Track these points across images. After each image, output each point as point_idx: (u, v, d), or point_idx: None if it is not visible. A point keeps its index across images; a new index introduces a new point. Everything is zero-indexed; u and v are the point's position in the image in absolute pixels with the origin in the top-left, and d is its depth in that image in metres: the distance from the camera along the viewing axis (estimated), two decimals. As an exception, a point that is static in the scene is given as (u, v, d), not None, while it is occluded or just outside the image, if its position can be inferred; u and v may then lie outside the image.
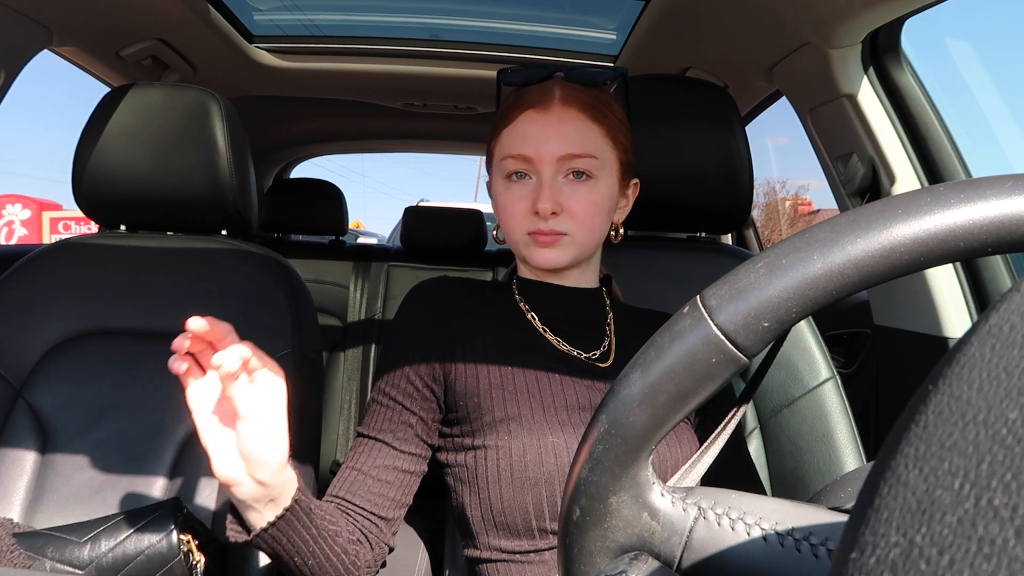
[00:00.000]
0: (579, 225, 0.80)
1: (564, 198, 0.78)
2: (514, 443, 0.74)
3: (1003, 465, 0.15)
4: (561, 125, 0.78)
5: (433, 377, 0.81)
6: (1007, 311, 0.18)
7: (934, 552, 0.15)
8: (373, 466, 0.79)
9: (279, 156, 3.04)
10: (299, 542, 0.68)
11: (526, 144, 0.78)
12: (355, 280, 2.38)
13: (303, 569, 0.71)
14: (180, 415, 1.09)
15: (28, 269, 1.16)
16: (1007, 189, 0.30)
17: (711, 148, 1.11)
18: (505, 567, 0.77)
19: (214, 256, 1.18)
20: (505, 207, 0.81)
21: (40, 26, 1.32)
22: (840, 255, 0.31)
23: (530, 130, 0.79)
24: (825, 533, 0.32)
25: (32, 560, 0.84)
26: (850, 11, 1.15)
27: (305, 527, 0.68)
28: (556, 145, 0.78)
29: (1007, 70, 26.84)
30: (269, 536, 0.67)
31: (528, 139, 0.79)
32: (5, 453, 1.05)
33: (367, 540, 0.77)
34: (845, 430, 1.03)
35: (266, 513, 0.66)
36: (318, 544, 0.70)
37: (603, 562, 0.35)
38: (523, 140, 0.79)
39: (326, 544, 0.71)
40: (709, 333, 0.32)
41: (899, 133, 1.31)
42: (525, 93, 0.81)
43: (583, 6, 1.73)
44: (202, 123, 1.14)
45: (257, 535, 0.66)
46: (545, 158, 0.78)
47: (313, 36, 1.88)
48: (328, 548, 0.71)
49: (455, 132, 2.72)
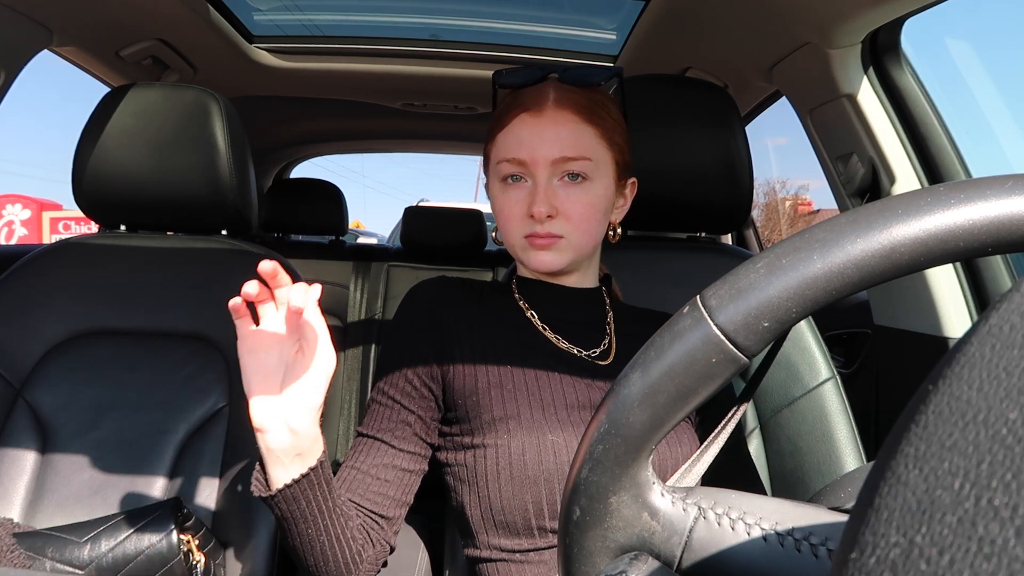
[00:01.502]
0: (575, 227, 0.80)
1: (559, 201, 0.78)
2: (513, 442, 0.74)
3: (1003, 465, 0.15)
4: (555, 127, 0.78)
5: (432, 376, 0.81)
6: (1007, 311, 0.18)
7: (934, 552, 0.15)
8: (373, 465, 0.79)
9: (279, 156, 3.04)
10: (316, 511, 0.69)
11: (520, 147, 0.78)
12: (355, 280, 2.38)
13: (312, 545, 0.71)
14: (180, 415, 1.09)
15: (28, 269, 1.16)
16: (1007, 189, 0.30)
17: (711, 148, 1.11)
18: (505, 567, 0.77)
19: (214, 256, 1.18)
20: (502, 211, 0.82)
21: (40, 26, 1.32)
22: (840, 255, 0.31)
23: (524, 133, 0.79)
24: (825, 533, 0.32)
25: (32, 560, 0.84)
26: (850, 11, 1.15)
27: (324, 497, 0.69)
28: (550, 148, 0.78)
29: (1007, 70, 26.82)
30: (290, 494, 0.68)
31: (522, 142, 0.78)
32: (5, 453, 1.05)
33: (369, 537, 0.77)
34: (845, 430, 1.03)
35: (292, 468, 0.68)
36: (332, 519, 0.71)
37: (603, 562, 0.35)
38: (517, 143, 0.79)
39: (339, 523, 0.71)
40: (709, 333, 0.32)
41: (899, 133, 1.31)
42: (519, 96, 0.81)
43: (583, 6, 1.73)
44: (202, 123, 1.14)
45: (280, 491, 0.68)
46: (539, 161, 0.78)
47: (313, 36, 1.88)
48: (340, 528, 0.72)
49: (455, 132, 2.72)
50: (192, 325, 1.14)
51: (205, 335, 1.13)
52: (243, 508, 1.00)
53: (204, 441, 1.07)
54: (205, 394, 1.10)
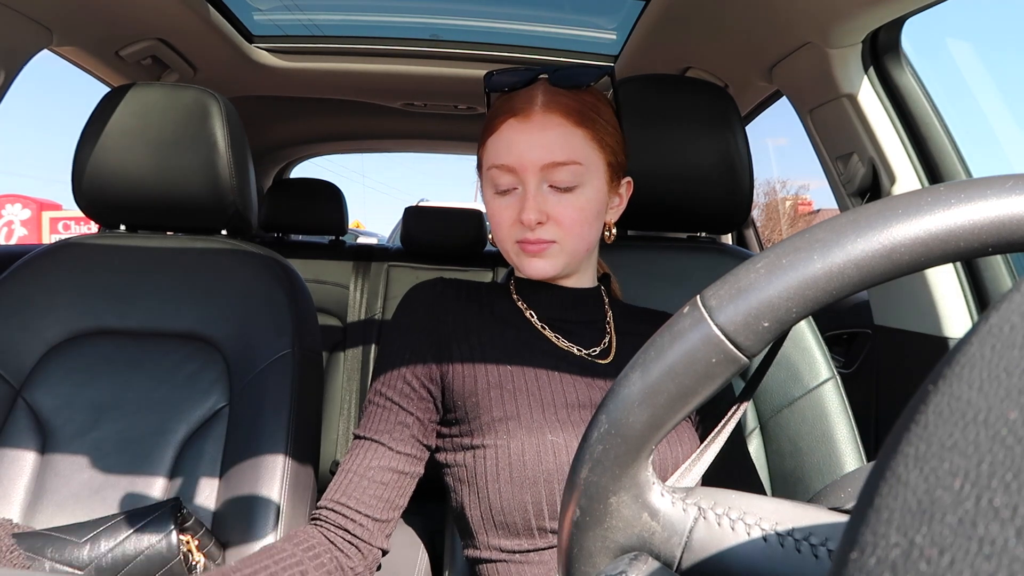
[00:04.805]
0: (566, 232, 0.79)
1: (550, 206, 0.78)
2: (513, 442, 0.74)
3: (1003, 465, 0.15)
4: (542, 132, 0.77)
5: (431, 378, 0.81)
6: (1007, 311, 0.18)
7: (934, 552, 0.15)
8: (369, 467, 0.79)
9: (279, 156, 3.04)
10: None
11: (509, 154, 0.78)
12: (355, 280, 2.38)
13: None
14: (180, 415, 1.09)
15: (28, 269, 1.16)
16: (1007, 189, 0.30)
17: (711, 148, 1.10)
18: (505, 567, 0.77)
19: (214, 256, 1.18)
20: (493, 216, 0.81)
21: (40, 26, 1.32)
22: (840, 255, 0.31)
23: (513, 139, 0.78)
24: (825, 533, 0.32)
25: (32, 560, 0.84)
26: (850, 11, 1.14)
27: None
28: (538, 153, 0.77)
29: (1007, 70, 26.80)
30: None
31: (511, 149, 0.78)
32: (5, 453, 1.05)
33: (357, 548, 0.77)
34: (845, 430, 1.03)
35: None
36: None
37: (603, 562, 0.35)
38: (507, 150, 0.78)
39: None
40: (709, 333, 0.32)
41: (899, 133, 1.31)
42: (509, 100, 0.80)
43: (583, 6, 1.73)
44: (202, 123, 1.14)
45: None
46: (528, 168, 0.77)
47: (313, 36, 1.88)
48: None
49: (455, 132, 2.72)
50: (192, 325, 1.14)
51: (205, 335, 1.13)
52: (243, 508, 1.00)
53: (204, 441, 1.07)
54: (205, 394, 1.10)
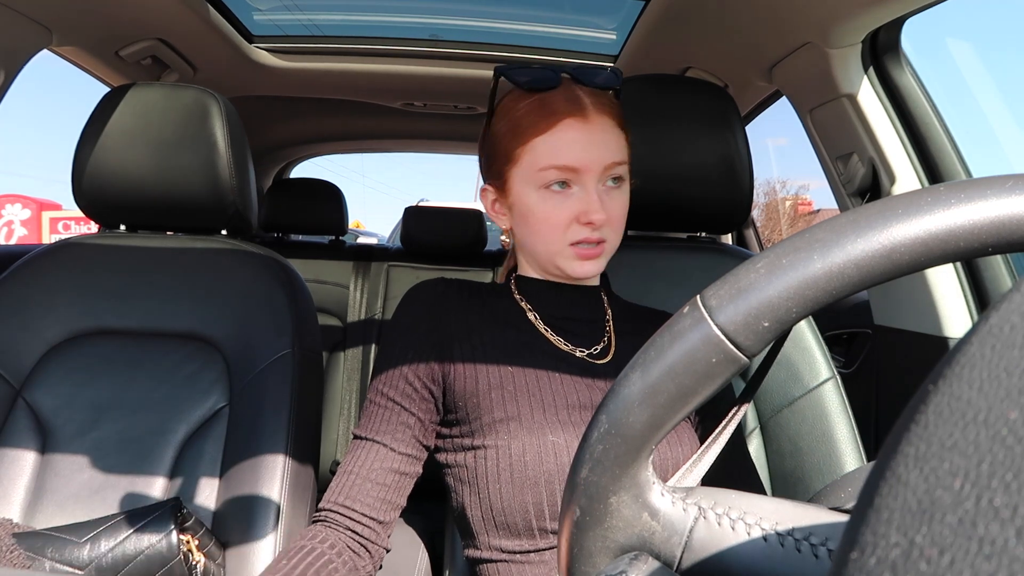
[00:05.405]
0: (614, 231, 0.81)
1: (606, 207, 0.78)
2: (514, 443, 0.74)
3: (1003, 465, 0.15)
4: (602, 133, 0.78)
5: (432, 378, 0.81)
6: (1007, 311, 0.18)
7: (934, 552, 0.15)
8: (371, 469, 0.79)
9: (279, 156, 3.04)
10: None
11: (570, 154, 0.77)
12: (355, 280, 2.38)
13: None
14: (180, 415, 1.09)
15: (28, 269, 1.16)
16: (1007, 189, 0.30)
17: (711, 148, 1.10)
18: (505, 567, 0.77)
19: (214, 256, 1.18)
20: (547, 218, 0.79)
21: (40, 26, 1.32)
22: (840, 255, 0.31)
23: (575, 138, 0.77)
24: (825, 533, 0.32)
25: (32, 560, 0.84)
26: (850, 11, 1.14)
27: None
28: (601, 153, 0.77)
29: (1007, 70, 26.79)
30: None
31: (573, 148, 0.77)
32: (5, 453, 1.05)
33: (366, 549, 0.77)
34: (845, 430, 1.03)
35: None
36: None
37: (603, 562, 0.35)
38: (567, 149, 0.77)
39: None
40: (709, 333, 0.32)
41: (899, 133, 1.31)
42: (548, 99, 0.78)
43: (583, 6, 1.73)
44: (202, 123, 1.14)
45: None
46: (592, 168, 0.77)
47: (313, 36, 1.88)
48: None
49: (455, 132, 2.72)
50: (192, 325, 1.14)
51: (205, 335, 1.13)
52: (243, 508, 1.00)
53: (204, 441, 1.07)
54: (205, 394, 1.10)
